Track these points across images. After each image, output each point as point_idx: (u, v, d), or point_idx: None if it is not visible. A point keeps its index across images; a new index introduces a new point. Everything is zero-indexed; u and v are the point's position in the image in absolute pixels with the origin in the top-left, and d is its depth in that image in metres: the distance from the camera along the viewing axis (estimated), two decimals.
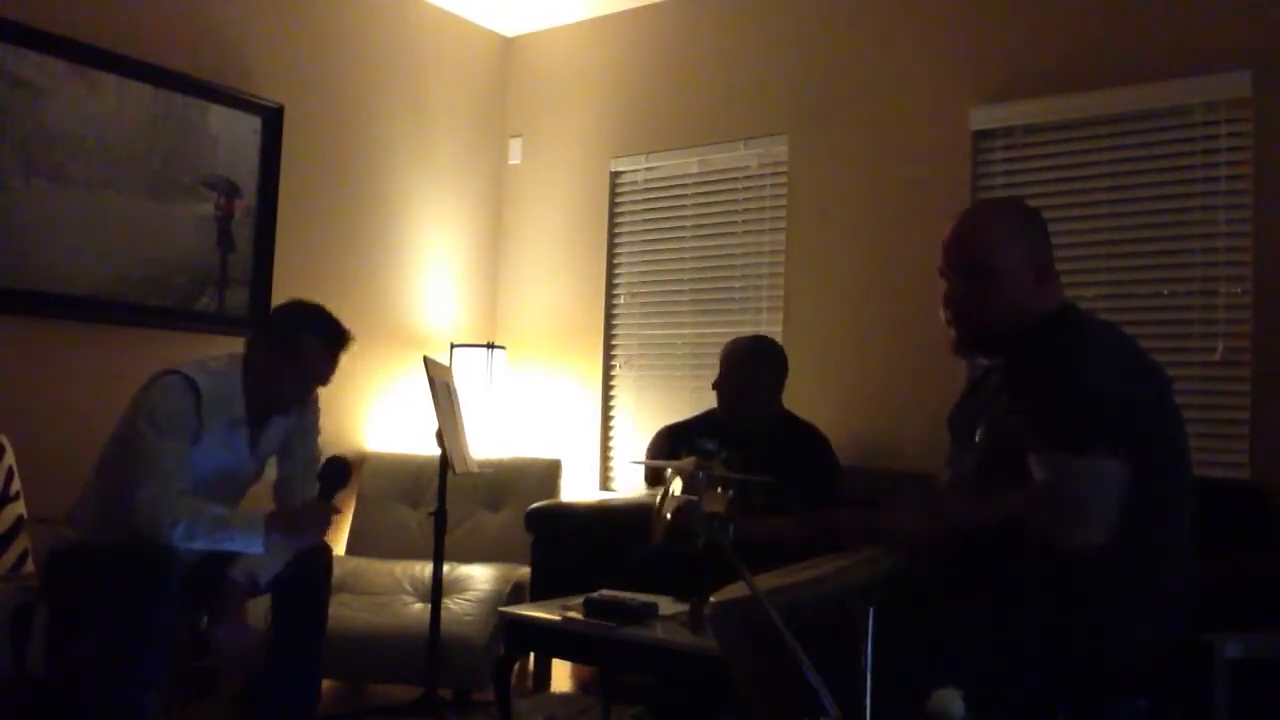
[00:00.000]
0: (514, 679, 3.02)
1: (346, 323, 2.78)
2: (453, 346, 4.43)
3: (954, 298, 2.05)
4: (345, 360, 2.79)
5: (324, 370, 2.72)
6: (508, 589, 3.59)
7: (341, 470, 2.73)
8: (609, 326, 4.57)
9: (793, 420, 3.34)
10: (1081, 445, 1.75)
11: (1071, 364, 1.85)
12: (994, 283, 2.00)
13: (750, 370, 3.28)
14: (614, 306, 4.58)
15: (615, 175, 4.60)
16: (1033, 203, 2.21)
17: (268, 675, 2.71)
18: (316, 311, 2.74)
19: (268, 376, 2.67)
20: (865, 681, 1.44)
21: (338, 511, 2.73)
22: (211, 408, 2.58)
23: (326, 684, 3.40)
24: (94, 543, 2.49)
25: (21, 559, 2.97)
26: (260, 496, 2.86)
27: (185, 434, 2.54)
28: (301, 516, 2.67)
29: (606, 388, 4.56)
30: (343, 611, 3.38)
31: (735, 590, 1.93)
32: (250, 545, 2.55)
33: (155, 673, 2.37)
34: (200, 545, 2.50)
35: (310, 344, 2.67)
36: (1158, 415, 1.87)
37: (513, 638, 2.86)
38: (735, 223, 4.27)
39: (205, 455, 2.59)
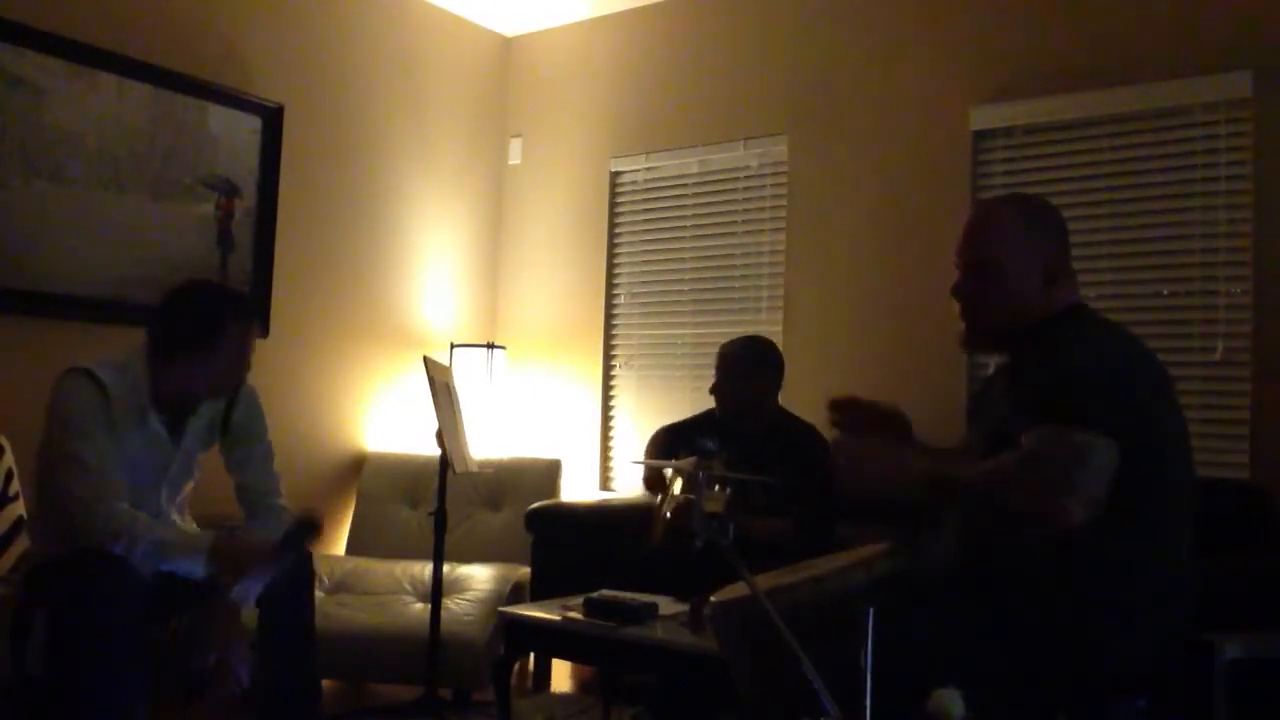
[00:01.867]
0: (514, 679, 3.01)
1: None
2: (453, 346, 4.43)
3: (962, 292, 2.05)
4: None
5: (250, 351, 2.56)
6: (508, 589, 3.59)
7: (309, 531, 2.50)
8: (609, 326, 4.57)
9: (790, 419, 3.34)
10: (1071, 419, 1.74)
11: (1071, 354, 1.85)
12: (1000, 281, 2.00)
13: (747, 372, 3.28)
14: (614, 306, 4.58)
15: (615, 175, 4.60)
16: None
17: (264, 679, 2.69)
18: (224, 292, 2.61)
19: (194, 374, 2.48)
20: (865, 681, 1.44)
21: (280, 570, 2.49)
22: (119, 403, 2.43)
23: (326, 684, 3.40)
24: (55, 558, 2.45)
25: (21, 559, 2.97)
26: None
27: (100, 429, 2.39)
28: (247, 558, 2.44)
29: (606, 388, 4.56)
30: (342, 611, 3.38)
31: (735, 590, 1.93)
32: (192, 570, 2.39)
33: (132, 675, 2.30)
34: (141, 561, 2.36)
35: (236, 330, 2.49)
36: (1159, 413, 1.86)
37: (513, 638, 2.86)
38: (735, 223, 4.27)
39: (124, 451, 2.45)
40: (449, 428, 3.25)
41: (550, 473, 4.13)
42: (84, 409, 2.38)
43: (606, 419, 4.55)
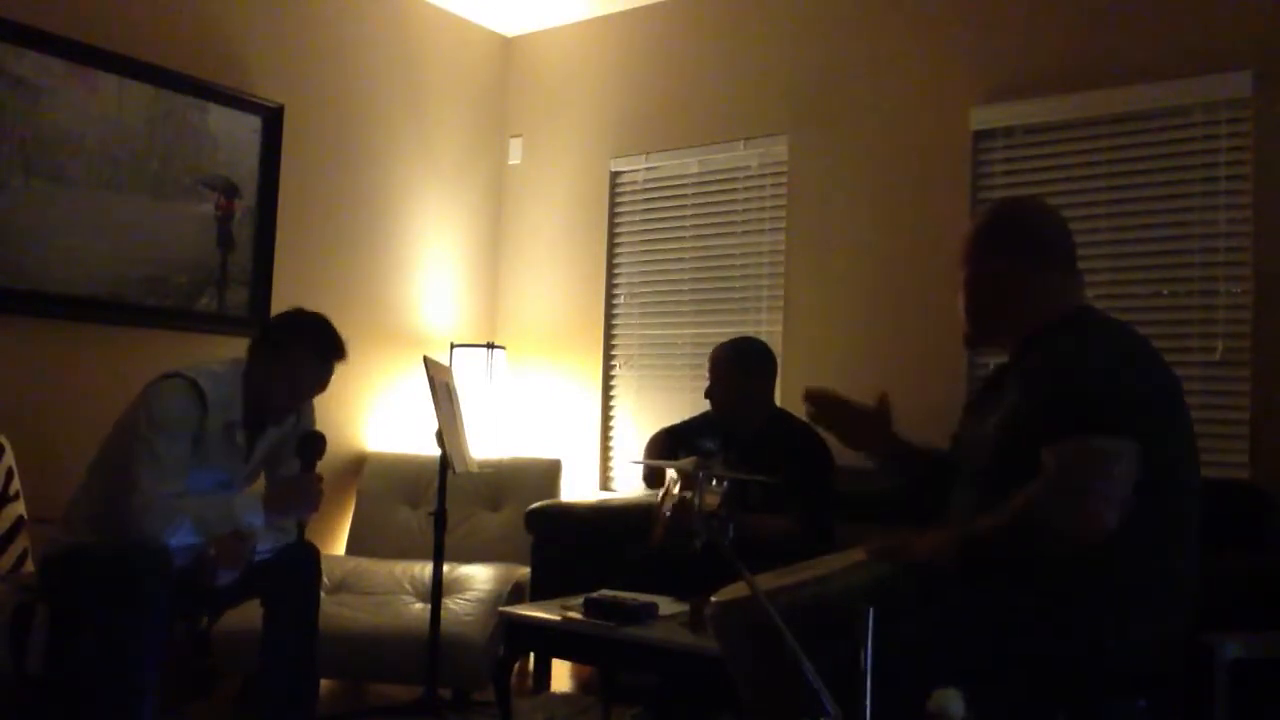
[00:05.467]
0: (514, 679, 3.02)
1: (347, 323, 2.79)
2: (453, 346, 4.43)
3: (964, 292, 2.07)
4: (346, 360, 2.80)
5: (313, 380, 2.73)
6: (508, 589, 3.58)
7: (317, 442, 2.77)
8: (609, 326, 4.57)
9: (788, 419, 3.34)
10: (1090, 427, 1.75)
11: (1081, 357, 1.86)
12: (999, 283, 2.01)
13: (737, 374, 3.28)
14: (614, 306, 4.58)
15: (615, 175, 4.60)
16: None
17: (264, 676, 2.71)
18: (312, 321, 2.75)
19: (261, 383, 2.69)
20: (865, 681, 1.44)
21: (322, 479, 2.76)
22: (214, 411, 2.59)
23: (326, 684, 3.40)
24: (87, 545, 2.49)
25: (21, 559, 2.97)
26: None
27: (186, 436, 2.55)
28: (293, 490, 2.73)
29: (606, 388, 4.56)
30: (343, 611, 3.38)
31: (735, 590, 1.93)
32: (254, 519, 2.61)
33: (150, 674, 2.37)
34: (207, 535, 2.53)
35: (300, 353, 2.68)
36: (1167, 415, 1.87)
37: (513, 638, 2.86)
38: (735, 223, 4.27)
39: (201, 461, 2.60)
40: (449, 428, 3.25)
41: (550, 473, 4.13)
42: (178, 414, 2.55)
43: (606, 419, 4.55)
